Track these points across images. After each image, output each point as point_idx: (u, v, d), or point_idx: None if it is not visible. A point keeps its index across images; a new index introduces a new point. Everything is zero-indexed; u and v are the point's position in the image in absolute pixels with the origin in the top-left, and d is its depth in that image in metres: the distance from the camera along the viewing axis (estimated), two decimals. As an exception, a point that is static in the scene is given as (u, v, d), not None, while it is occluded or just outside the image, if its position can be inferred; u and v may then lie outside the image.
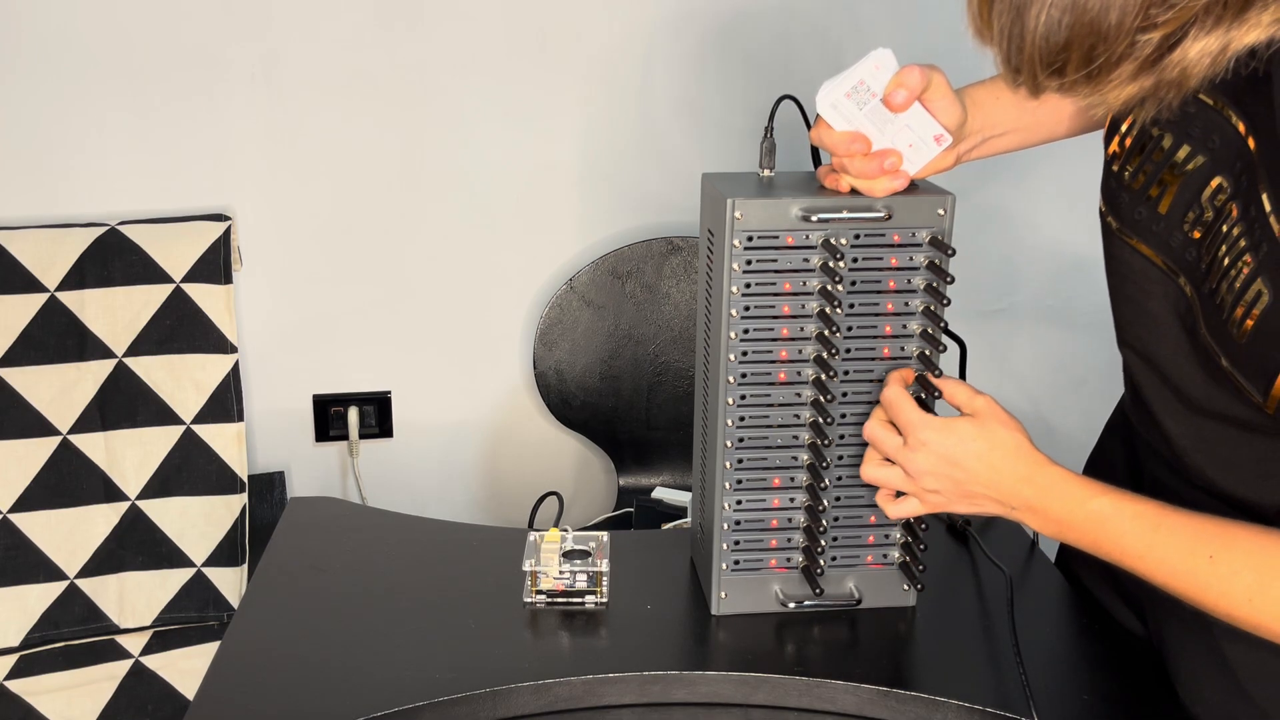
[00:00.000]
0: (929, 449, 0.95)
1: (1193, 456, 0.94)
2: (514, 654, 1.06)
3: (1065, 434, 2.09)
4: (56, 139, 1.75)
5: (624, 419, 1.96)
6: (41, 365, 1.73)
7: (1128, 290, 0.96)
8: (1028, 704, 0.98)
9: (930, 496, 0.97)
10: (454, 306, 1.94)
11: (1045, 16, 0.66)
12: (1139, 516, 0.88)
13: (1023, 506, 0.93)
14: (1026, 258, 2.03)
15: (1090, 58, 0.66)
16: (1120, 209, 0.95)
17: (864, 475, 1.00)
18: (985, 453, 0.93)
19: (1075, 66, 0.67)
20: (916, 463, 0.95)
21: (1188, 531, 0.86)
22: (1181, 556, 0.86)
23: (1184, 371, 0.90)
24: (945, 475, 0.95)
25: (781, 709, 1.04)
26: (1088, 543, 0.91)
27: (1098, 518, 0.89)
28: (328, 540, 1.25)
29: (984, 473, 0.94)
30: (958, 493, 0.95)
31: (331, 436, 1.97)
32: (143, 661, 1.70)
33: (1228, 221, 0.83)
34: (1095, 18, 0.64)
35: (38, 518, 1.73)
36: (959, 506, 0.97)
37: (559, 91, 1.84)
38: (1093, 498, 0.90)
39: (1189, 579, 0.86)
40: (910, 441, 0.96)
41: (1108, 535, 0.89)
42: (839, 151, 0.99)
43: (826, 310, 1.01)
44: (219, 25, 1.74)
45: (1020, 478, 0.93)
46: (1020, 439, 0.94)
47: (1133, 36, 0.64)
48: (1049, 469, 0.92)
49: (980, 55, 1.34)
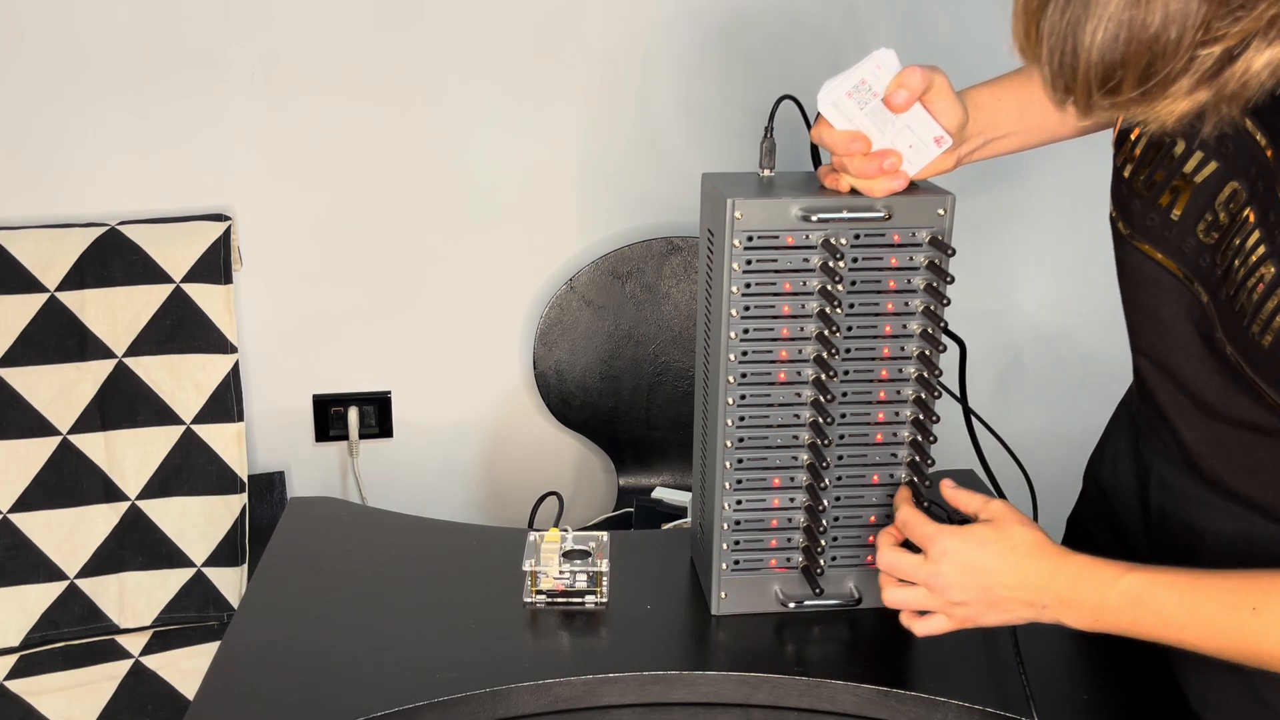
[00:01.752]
0: (950, 559, 0.93)
1: (1209, 461, 0.93)
2: (514, 654, 1.06)
3: (1065, 434, 2.09)
4: (56, 139, 1.75)
5: (624, 419, 1.96)
6: (41, 365, 1.73)
7: (1140, 297, 0.96)
8: (1028, 704, 0.97)
9: (957, 610, 0.95)
10: (454, 306, 1.94)
11: (1101, 34, 0.62)
12: (1172, 585, 0.86)
13: (1055, 602, 0.91)
14: (1026, 258, 2.03)
15: (1147, 75, 0.63)
16: (1131, 215, 0.94)
17: (886, 601, 0.98)
18: (1007, 553, 0.92)
19: (1131, 85, 0.64)
20: (941, 576, 0.94)
21: (1224, 589, 0.85)
22: (1225, 614, 0.84)
23: (1200, 378, 0.90)
24: (971, 584, 0.93)
25: (781, 709, 1.04)
26: (1127, 623, 0.89)
27: (1132, 595, 0.87)
28: (328, 540, 1.25)
29: (1008, 574, 0.92)
30: (985, 600, 0.94)
31: (331, 436, 1.97)
32: (143, 661, 1.70)
33: (1244, 228, 0.82)
34: (1155, 34, 0.61)
35: (38, 518, 1.73)
36: (989, 617, 0.95)
37: (559, 91, 1.84)
38: (1122, 576, 0.88)
39: (1238, 635, 0.84)
40: (931, 554, 0.95)
41: (1147, 610, 0.87)
42: (839, 150, 0.99)
43: (826, 310, 1.01)
44: (219, 25, 1.74)
45: (1046, 573, 0.91)
46: (1039, 536, 0.93)
47: (1193, 51, 0.61)
48: (1073, 558, 0.91)
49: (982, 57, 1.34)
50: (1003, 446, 1.28)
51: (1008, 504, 0.96)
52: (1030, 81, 1.05)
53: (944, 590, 0.94)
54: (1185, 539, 0.99)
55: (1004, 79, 1.06)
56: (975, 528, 0.95)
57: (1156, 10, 0.60)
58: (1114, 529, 1.13)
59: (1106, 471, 1.15)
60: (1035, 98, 1.05)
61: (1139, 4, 0.61)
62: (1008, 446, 1.28)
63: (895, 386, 1.05)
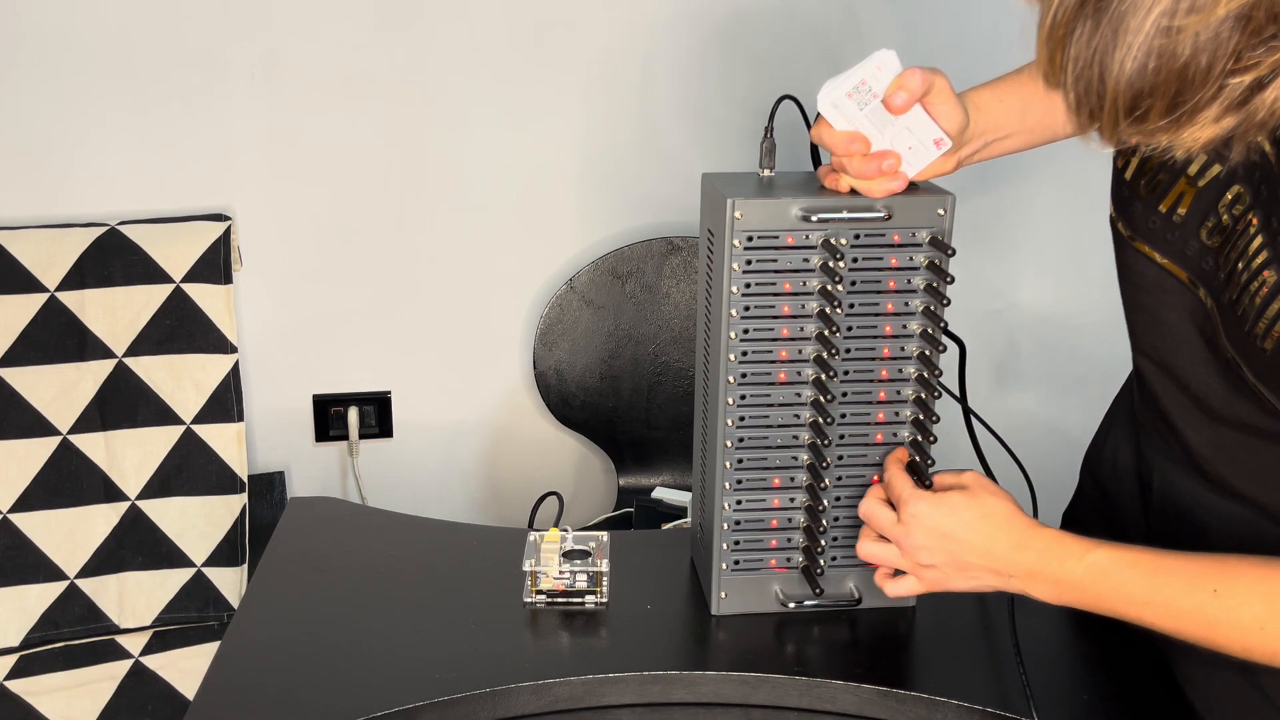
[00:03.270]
0: (920, 521, 0.95)
1: (1212, 464, 0.93)
2: (514, 654, 1.06)
3: (1065, 434, 2.09)
4: (56, 139, 1.75)
5: (624, 419, 1.96)
6: (41, 365, 1.73)
7: (1142, 299, 0.95)
8: (1028, 704, 0.97)
9: (926, 573, 0.97)
10: (454, 306, 1.94)
11: (1131, 62, 0.61)
12: (1136, 564, 0.88)
13: (1021, 573, 0.93)
14: (1026, 258, 2.03)
15: (1176, 103, 0.62)
16: (1133, 217, 0.94)
17: (860, 553, 1.01)
18: (977, 522, 0.94)
19: (1159, 113, 0.63)
20: (911, 537, 0.96)
21: (1188, 570, 0.86)
22: (1186, 595, 0.85)
23: (1203, 381, 0.90)
24: (939, 548, 0.95)
25: (781, 709, 1.04)
26: (1089, 599, 0.90)
27: (1097, 570, 0.89)
28: (328, 540, 1.25)
29: (978, 542, 0.94)
30: (953, 565, 0.95)
31: (331, 436, 1.97)
32: (143, 661, 1.70)
33: (1247, 231, 0.82)
34: (1185, 63, 0.60)
35: (38, 518, 1.73)
36: (957, 582, 0.97)
37: (559, 92, 1.84)
38: (1089, 551, 0.89)
39: (1197, 616, 0.85)
40: (903, 515, 0.97)
41: (1110, 586, 0.89)
42: (838, 151, 0.99)
43: (826, 310, 1.01)
44: (219, 25, 1.74)
45: (1014, 544, 0.93)
46: (1011, 507, 0.94)
47: (1222, 80, 0.60)
48: (1042, 531, 0.93)
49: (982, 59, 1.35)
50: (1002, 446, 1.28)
51: (979, 474, 0.98)
52: (1032, 81, 1.05)
53: (913, 552, 0.96)
54: (1188, 539, 0.99)
55: (1005, 79, 1.06)
56: (949, 494, 0.96)
57: (1187, 39, 0.59)
58: (1112, 526, 1.13)
59: (1105, 467, 1.15)
60: (1037, 98, 1.05)
61: (1169, 33, 0.60)
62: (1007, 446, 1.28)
63: (895, 386, 1.05)
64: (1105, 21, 0.62)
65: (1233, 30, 0.59)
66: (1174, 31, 0.59)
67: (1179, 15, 0.59)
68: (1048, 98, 1.04)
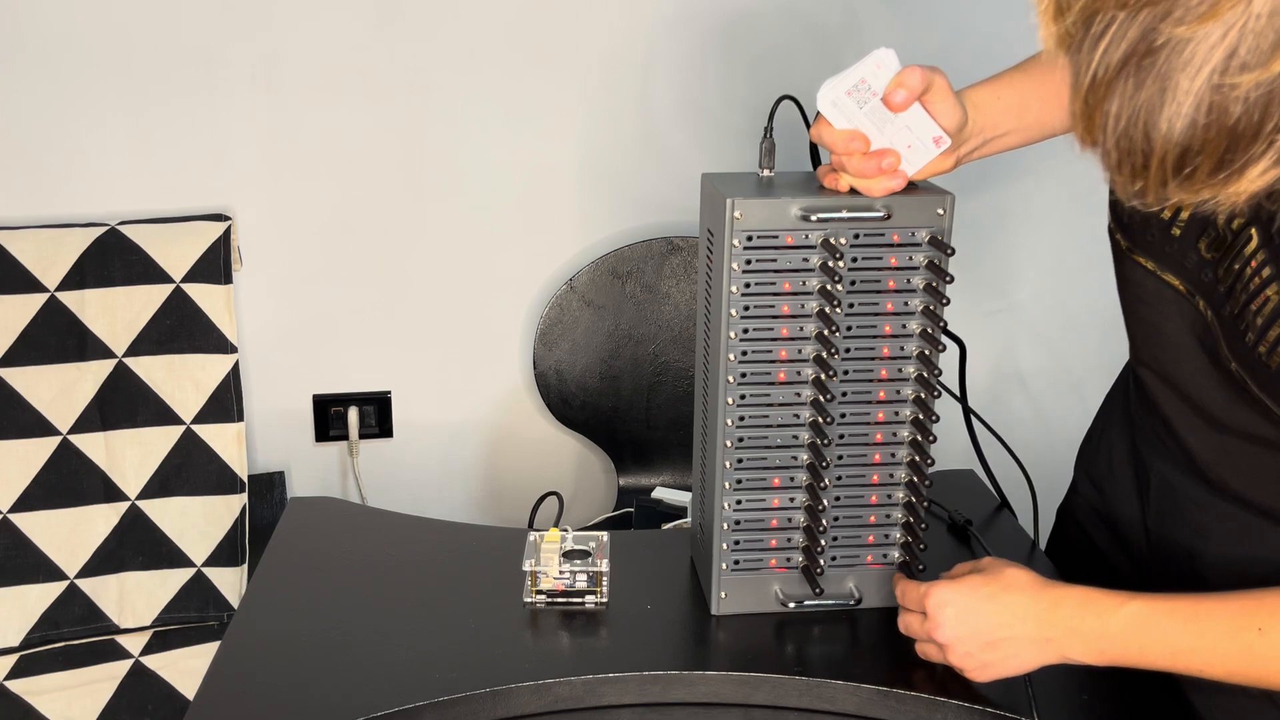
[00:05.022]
0: (944, 610, 0.95)
1: (1215, 469, 0.93)
2: (514, 654, 1.06)
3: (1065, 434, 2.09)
4: (56, 139, 1.75)
5: (624, 419, 1.96)
6: (41, 365, 1.73)
7: (1142, 310, 0.95)
8: (1028, 704, 0.97)
9: (967, 662, 0.96)
10: (454, 306, 1.94)
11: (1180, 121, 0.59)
12: (1174, 611, 0.86)
13: (1059, 634, 0.91)
14: (1026, 258, 2.03)
15: (1225, 161, 0.59)
16: (1130, 229, 0.94)
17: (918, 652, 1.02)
18: (1000, 594, 0.93)
19: (1208, 171, 0.60)
20: (943, 629, 0.95)
21: (1228, 611, 0.85)
22: (1231, 637, 0.84)
23: (1205, 390, 0.90)
24: (969, 633, 0.94)
25: (781, 709, 1.04)
26: (1133, 652, 0.88)
27: (1136, 622, 0.87)
28: (328, 540, 1.25)
29: (1005, 615, 0.93)
30: (985, 645, 0.94)
31: (331, 436, 1.97)
32: (143, 661, 1.70)
33: (1246, 246, 0.82)
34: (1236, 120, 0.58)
35: (38, 518, 1.73)
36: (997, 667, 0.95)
37: (559, 91, 1.84)
38: (1124, 604, 0.88)
39: (1247, 657, 0.83)
40: (930, 609, 0.96)
41: (1152, 637, 0.87)
42: (838, 149, 0.99)
43: (826, 310, 1.01)
44: (218, 25, 1.74)
45: (1046, 605, 0.92)
46: (1032, 575, 0.94)
47: (1273, 136, 0.58)
48: (1073, 588, 0.92)
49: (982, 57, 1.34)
50: (1002, 446, 1.28)
51: (995, 557, 0.98)
52: (1029, 78, 1.05)
53: (949, 645, 0.96)
54: (1188, 541, 0.98)
55: (1002, 77, 1.06)
56: (967, 576, 0.96)
57: (1240, 96, 0.57)
58: (1110, 525, 1.13)
59: (1101, 464, 1.15)
60: (1034, 95, 1.05)
61: (1221, 90, 0.58)
62: (1007, 446, 1.29)
63: (895, 386, 1.05)
64: (1151, 79, 0.59)
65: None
66: (1226, 89, 0.58)
67: (1231, 73, 0.57)
68: (1045, 95, 1.04)
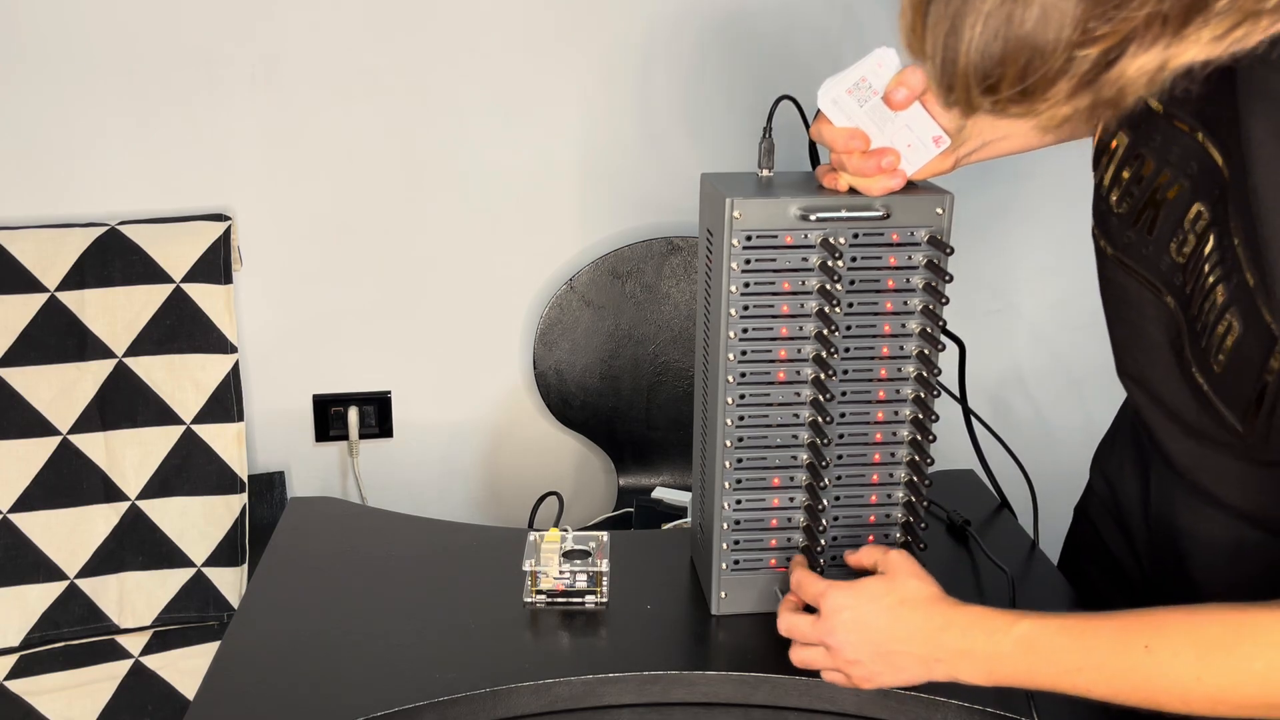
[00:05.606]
0: (840, 614, 0.93)
1: (1194, 474, 0.93)
2: (514, 654, 1.06)
3: (1065, 434, 2.09)
4: (57, 139, 1.75)
5: (624, 419, 1.96)
6: (41, 365, 1.73)
7: (1124, 313, 0.96)
8: (1028, 704, 0.97)
9: (853, 669, 0.94)
10: (454, 306, 1.94)
11: (981, 30, 0.61)
12: (1064, 629, 0.85)
13: (948, 655, 0.90)
14: (1026, 258, 2.03)
15: (1025, 74, 0.62)
16: (1111, 232, 0.95)
17: (793, 660, 0.99)
18: (896, 606, 0.92)
19: (1010, 83, 0.63)
20: (835, 634, 0.94)
21: (1117, 629, 0.84)
22: (1119, 655, 0.83)
23: (1177, 396, 0.90)
24: (862, 640, 0.93)
25: (781, 709, 1.04)
26: (1022, 673, 0.88)
27: (1026, 642, 0.86)
28: (328, 540, 1.25)
29: (899, 629, 0.91)
30: (877, 655, 0.93)
31: (331, 436, 1.97)
32: (143, 661, 1.70)
33: (1207, 248, 0.82)
34: (1032, 31, 0.60)
35: (38, 518, 1.73)
36: (886, 677, 0.94)
37: (559, 91, 1.84)
38: (1016, 623, 0.87)
39: (1133, 676, 0.82)
40: (824, 611, 0.95)
41: (1040, 657, 0.86)
42: (837, 148, 0.99)
43: (825, 310, 1.01)
44: (219, 25, 1.74)
45: (938, 625, 0.90)
46: (931, 589, 0.92)
47: (1070, 52, 0.60)
48: (967, 608, 0.90)
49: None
50: (1002, 446, 1.28)
51: (905, 555, 0.96)
52: None
53: (839, 649, 0.94)
54: (1181, 544, 0.99)
55: None
56: (866, 581, 0.94)
57: (1034, 7, 0.60)
58: (1120, 525, 1.13)
59: (1114, 466, 1.15)
60: None
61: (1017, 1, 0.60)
62: (1007, 446, 1.29)
63: (894, 386, 1.05)
64: None
65: (1077, 1, 0.59)
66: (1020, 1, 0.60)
67: None
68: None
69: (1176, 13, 0.59)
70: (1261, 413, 0.80)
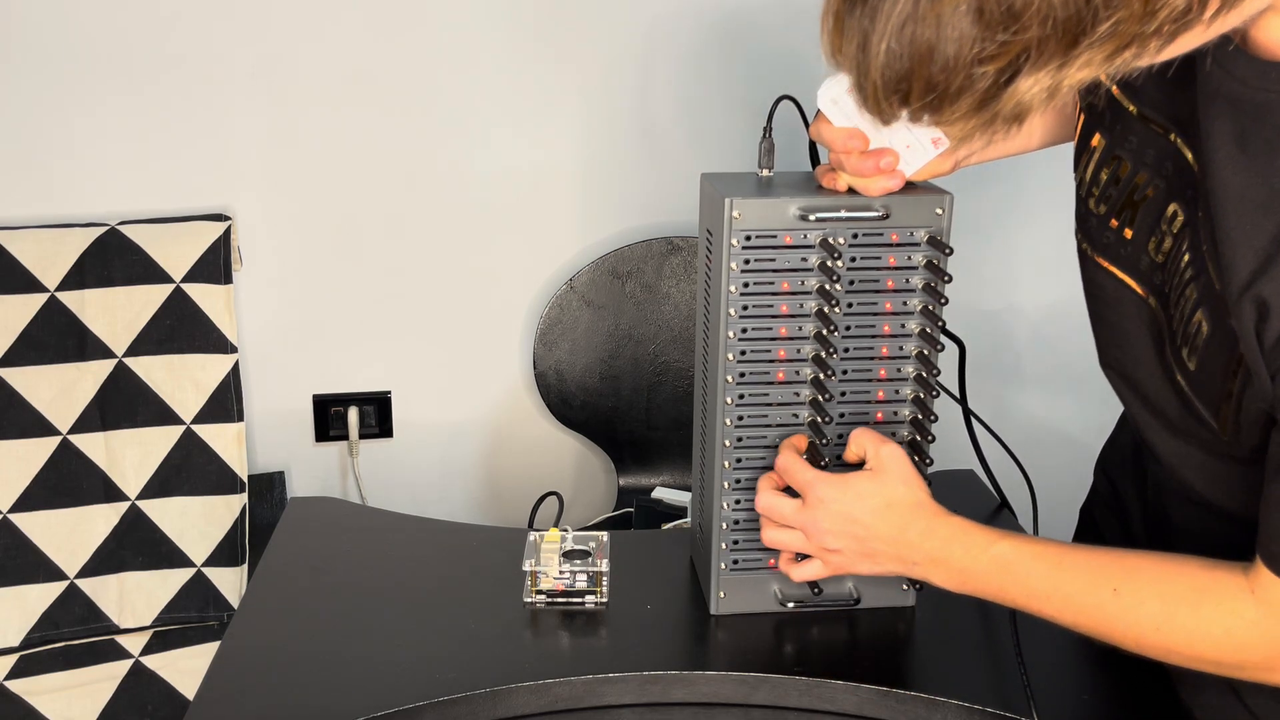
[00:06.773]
0: (827, 506, 0.96)
1: (1180, 473, 0.94)
2: (514, 654, 1.06)
3: (1066, 433, 2.09)
4: (57, 139, 1.75)
5: (624, 419, 1.96)
6: (41, 365, 1.73)
7: (1105, 313, 0.96)
8: (1028, 704, 0.97)
9: (832, 557, 0.98)
10: (454, 306, 1.94)
11: (887, 45, 0.64)
12: (1040, 557, 0.89)
13: (925, 560, 0.93)
14: (1026, 257, 2.03)
15: (930, 88, 0.64)
16: (1091, 233, 0.96)
17: (765, 540, 1.02)
18: (883, 509, 0.94)
19: (918, 95, 0.66)
20: (817, 522, 0.96)
21: (1090, 566, 0.87)
22: (1087, 592, 0.86)
23: (1161, 395, 0.90)
24: (845, 533, 0.96)
25: (781, 709, 1.04)
26: (993, 589, 0.91)
27: (1001, 562, 0.90)
28: (328, 540, 1.25)
29: (883, 529, 0.94)
30: (859, 550, 0.96)
31: (331, 436, 1.97)
32: (143, 661, 1.70)
33: (1183, 247, 0.83)
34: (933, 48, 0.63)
35: (38, 518, 1.73)
36: (861, 566, 0.97)
37: (559, 92, 1.84)
38: (995, 543, 0.90)
39: (1096, 613, 0.86)
40: (809, 500, 0.97)
41: (1013, 578, 0.90)
42: (836, 147, 0.99)
43: (825, 309, 1.01)
44: (219, 26, 1.74)
45: (920, 531, 0.93)
46: (919, 494, 0.95)
47: (969, 69, 0.63)
48: (950, 519, 0.93)
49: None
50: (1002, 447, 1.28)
51: (898, 453, 0.97)
52: None
53: (819, 536, 0.97)
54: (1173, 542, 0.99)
55: None
56: (855, 477, 0.96)
57: (932, 24, 0.62)
58: (1122, 525, 1.13)
59: (1116, 465, 1.16)
60: None
61: (917, 19, 0.62)
62: (1007, 447, 1.28)
63: (894, 386, 1.05)
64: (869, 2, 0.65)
65: (972, 21, 0.61)
66: (920, 18, 0.62)
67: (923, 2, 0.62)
68: None
69: (1062, 37, 0.61)
70: (1229, 409, 0.81)
